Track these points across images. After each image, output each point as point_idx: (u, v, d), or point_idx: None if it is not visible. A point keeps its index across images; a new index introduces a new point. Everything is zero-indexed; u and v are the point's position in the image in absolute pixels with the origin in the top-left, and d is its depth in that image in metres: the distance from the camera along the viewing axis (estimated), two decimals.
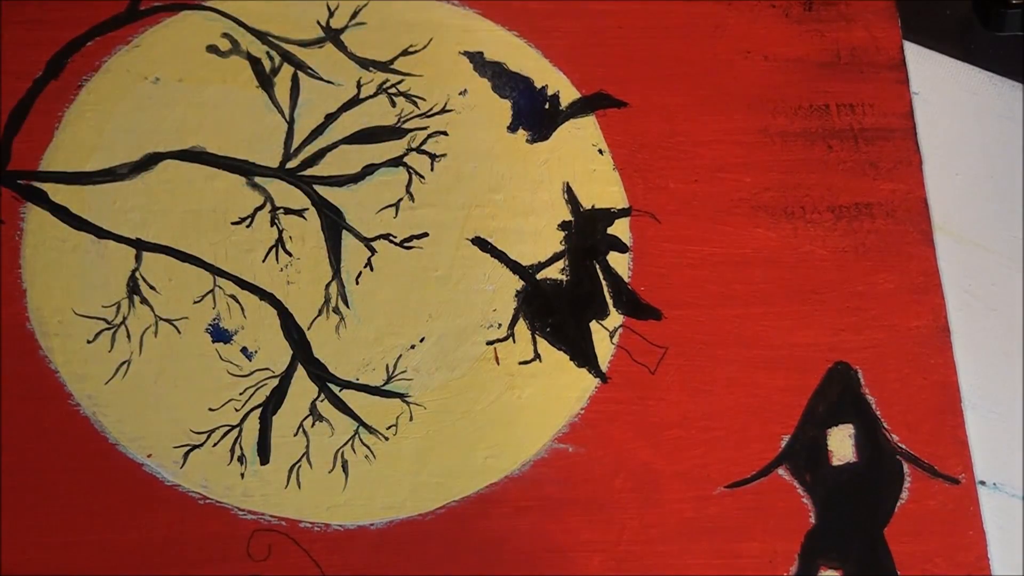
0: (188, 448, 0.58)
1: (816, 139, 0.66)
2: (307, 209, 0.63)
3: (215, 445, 0.58)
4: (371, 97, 0.65)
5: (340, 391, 0.60)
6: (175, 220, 0.62)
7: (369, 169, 0.64)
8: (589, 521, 0.58)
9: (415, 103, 0.65)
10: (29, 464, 0.57)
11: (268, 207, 0.62)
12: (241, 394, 0.59)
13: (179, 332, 0.60)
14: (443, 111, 0.65)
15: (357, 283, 0.62)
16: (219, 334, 0.60)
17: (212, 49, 0.65)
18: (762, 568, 0.58)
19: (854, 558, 0.58)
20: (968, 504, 0.59)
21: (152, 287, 0.60)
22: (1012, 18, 0.71)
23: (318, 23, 0.66)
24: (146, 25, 0.65)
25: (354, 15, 0.66)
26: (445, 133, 0.65)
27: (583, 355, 0.61)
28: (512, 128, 0.65)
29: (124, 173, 0.62)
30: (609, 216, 0.64)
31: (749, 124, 0.66)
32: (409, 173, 0.64)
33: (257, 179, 0.63)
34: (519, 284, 0.62)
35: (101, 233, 0.61)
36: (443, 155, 0.64)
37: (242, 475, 0.58)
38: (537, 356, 0.61)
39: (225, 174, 0.63)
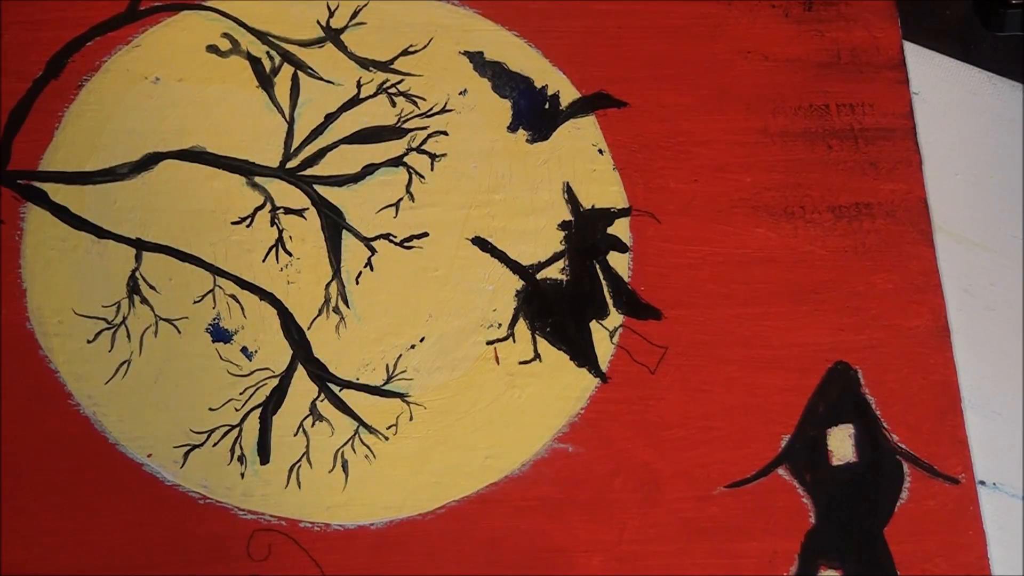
0: (188, 448, 0.58)
1: (816, 139, 0.66)
2: (307, 209, 0.63)
3: (215, 445, 0.58)
4: (371, 97, 0.65)
5: (340, 391, 0.60)
6: (175, 220, 0.62)
7: (369, 169, 0.64)
8: (589, 521, 0.58)
9: (415, 103, 0.65)
10: (29, 464, 0.57)
11: (268, 207, 0.62)
12: (241, 394, 0.59)
13: (179, 332, 0.60)
14: (443, 111, 0.65)
15: (357, 283, 0.62)
16: (219, 334, 0.60)
17: (212, 49, 0.65)
18: (762, 568, 0.58)
19: (854, 558, 0.58)
20: (968, 504, 0.59)
21: (152, 287, 0.60)
22: (1012, 18, 0.71)
23: (318, 23, 0.66)
24: (146, 25, 0.65)
25: (354, 15, 0.66)
26: (445, 133, 0.65)
27: (583, 355, 0.61)
28: (512, 128, 0.65)
29: (124, 173, 0.62)
30: (609, 216, 0.64)
31: (749, 124, 0.66)
32: (409, 173, 0.64)
33: (257, 179, 0.63)
34: (519, 284, 0.62)
35: (101, 233, 0.61)
36: (443, 155, 0.64)
37: (242, 475, 0.58)
38: (537, 356, 0.61)
39: (225, 174, 0.63)
